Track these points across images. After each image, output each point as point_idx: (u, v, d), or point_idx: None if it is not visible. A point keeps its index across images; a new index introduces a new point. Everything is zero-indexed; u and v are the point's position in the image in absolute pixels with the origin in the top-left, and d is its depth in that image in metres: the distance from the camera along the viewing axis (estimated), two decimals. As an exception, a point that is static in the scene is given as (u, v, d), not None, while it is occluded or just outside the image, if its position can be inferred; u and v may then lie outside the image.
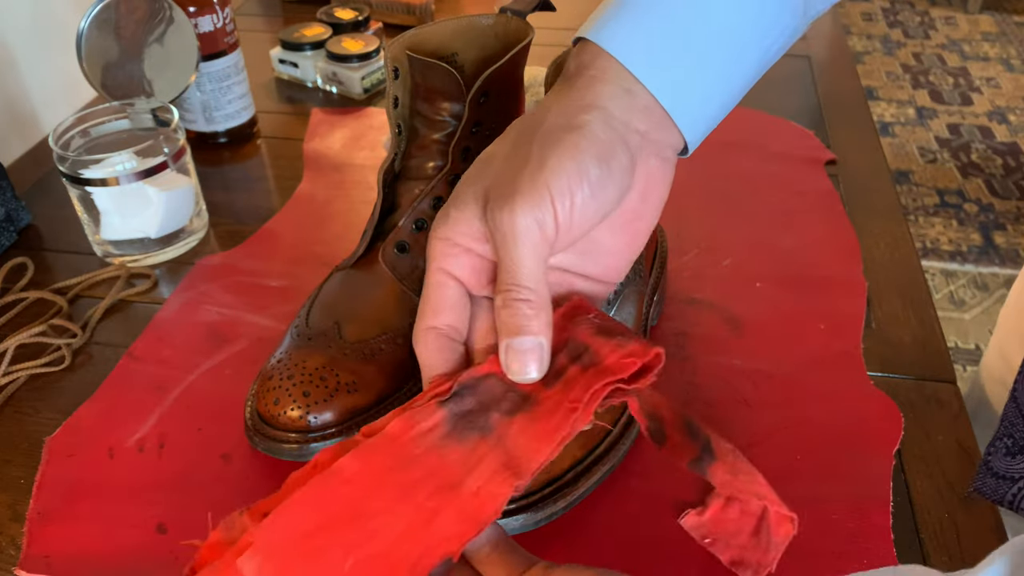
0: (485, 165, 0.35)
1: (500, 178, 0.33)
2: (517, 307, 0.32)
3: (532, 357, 0.32)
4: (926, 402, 0.54)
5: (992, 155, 2.38)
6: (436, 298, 0.35)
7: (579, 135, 0.33)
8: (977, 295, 1.89)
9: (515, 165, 0.33)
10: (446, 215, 0.35)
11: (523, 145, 0.34)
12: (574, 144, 0.33)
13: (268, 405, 0.49)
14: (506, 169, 0.33)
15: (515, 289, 0.32)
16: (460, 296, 0.35)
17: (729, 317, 0.60)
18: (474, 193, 0.34)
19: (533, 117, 0.35)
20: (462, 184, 0.36)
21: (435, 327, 0.35)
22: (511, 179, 0.33)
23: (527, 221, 0.32)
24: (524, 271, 0.32)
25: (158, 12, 0.73)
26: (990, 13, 3.19)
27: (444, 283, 0.35)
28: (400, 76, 0.52)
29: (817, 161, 0.77)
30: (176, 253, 0.68)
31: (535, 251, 0.32)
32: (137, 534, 0.47)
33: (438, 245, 0.35)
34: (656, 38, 0.34)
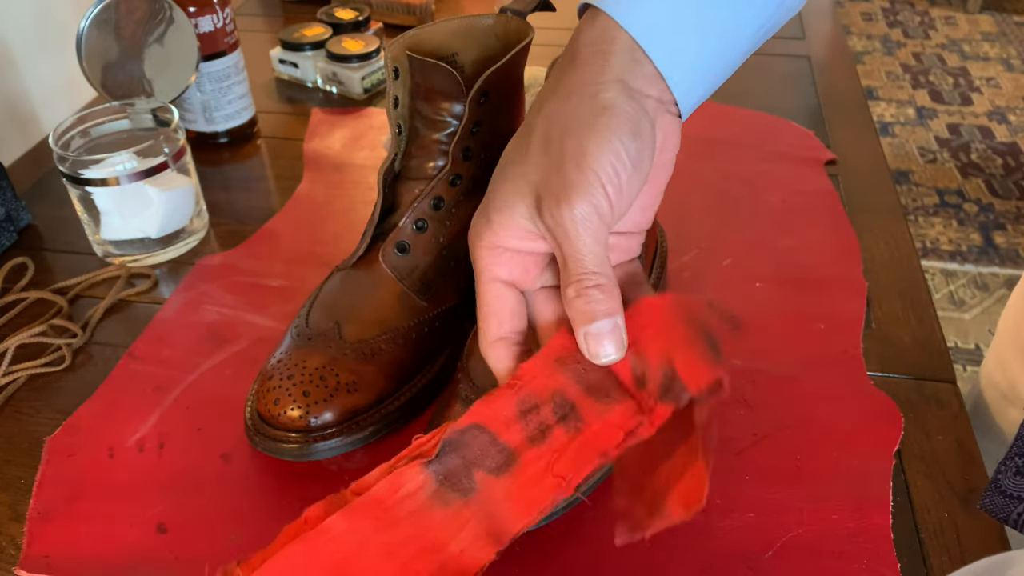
0: (520, 163, 0.35)
1: (546, 175, 0.34)
2: (590, 294, 0.33)
3: (611, 338, 0.34)
4: (926, 402, 0.54)
5: (992, 155, 2.38)
6: (498, 309, 0.36)
7: (610, 116, 0.34)
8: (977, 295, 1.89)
9: (556, 159, 0.34)
10: (488, 221, 0.35)
11: (557, 138, 0.34)
12: (607, 127, 0.33)
13: (268, 405, 0.49)
14: (548, 165, 0.34)
15: (585, 277, 0.33)
16: (518, 301, 0.36)
17: (729, 317, 0.60)
18: (518, 193, 0.35)
19: (555, 104, 0.35)
20: (499, 187, 0.36)
21: (503, 337, 0.36)
22: (558, 174, 0.33)
23: (586, 211, 0.33)
24: (591, 258, 0.33)
25: (158, 12, 0.73)
26: (990, 13, 3.19)
27: (501, 293, 0.36)
28: (400, 76, 0.52)
29: (817, 161, 0.77)
30: (176, 253, 0.68)
31: (596, 237, 0.33)
32: (137, 534, 0.47)
33: (486, 255, 0.36)
34: (662, 12, 0.35)
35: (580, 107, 0.34)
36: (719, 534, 0.46)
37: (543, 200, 0.34)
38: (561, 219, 0.33)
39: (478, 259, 0.36)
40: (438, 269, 0.54)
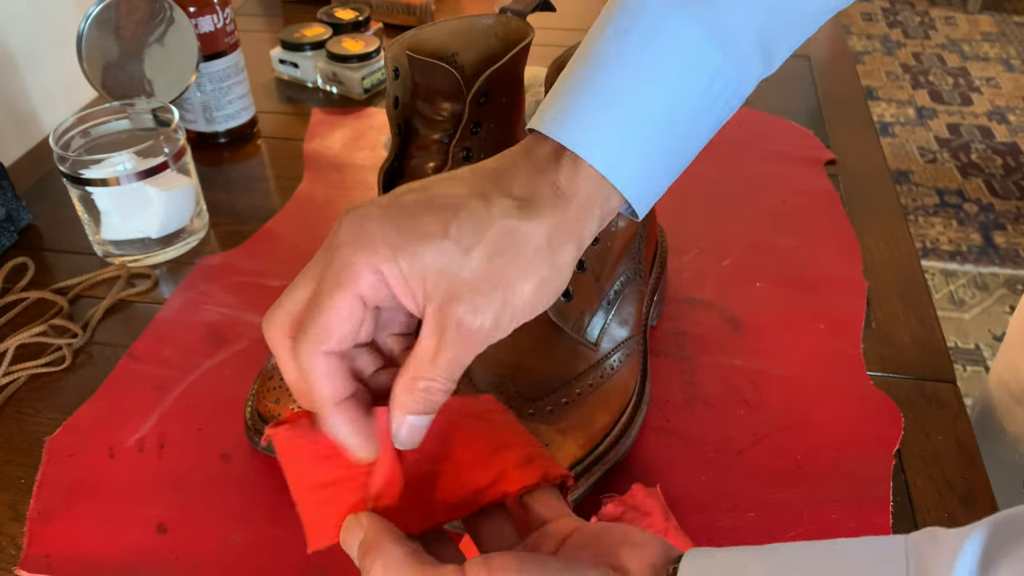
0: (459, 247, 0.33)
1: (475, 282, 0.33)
2: (437, 395, 0.33)
3: (421, 433, 0.34)
4: (926, 402, 0.54)
5: (992, 155, 2.38)
6: (348, 324, 0.33)
7: (556, 273, 0.34)
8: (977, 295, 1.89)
9: (493, 278, 0.33)
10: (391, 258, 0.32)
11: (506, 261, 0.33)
12: (551, 280, 0.34)
13: (268, 405, 0.49)
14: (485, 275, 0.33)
15: (442, 381, 0.33)
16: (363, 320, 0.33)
17: (729, 317, 0.60)
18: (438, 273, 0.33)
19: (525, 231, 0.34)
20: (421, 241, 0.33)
21: (339, 353, 0.33)
22: (487, 292, 0.33)
23: (486, 333, 0.33)
24: (458, 368, 0.33)
25: (158, 12, 0.73)
26: (990, 13, 3.19)
27: (358, 313, 0.33)
28: (400, 76, 0.52)
29: (817, 161, 0.77)
30: (176, 253, 0.68)
31: (475, 353, 0.34)
32: (137, 534, 0.47)
33: (368, 275, 0.32)
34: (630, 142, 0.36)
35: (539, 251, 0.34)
36: (719, 534, 0.46)
37: (455, 303, 0.32)
38: (466, 330, 0.33)
39: (353, 268, 0.32)
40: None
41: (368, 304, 0.33)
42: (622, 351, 0.51)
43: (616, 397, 0.50)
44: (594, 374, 0.49)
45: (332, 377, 0.33)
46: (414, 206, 0.34)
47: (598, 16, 0.38)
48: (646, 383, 0.53)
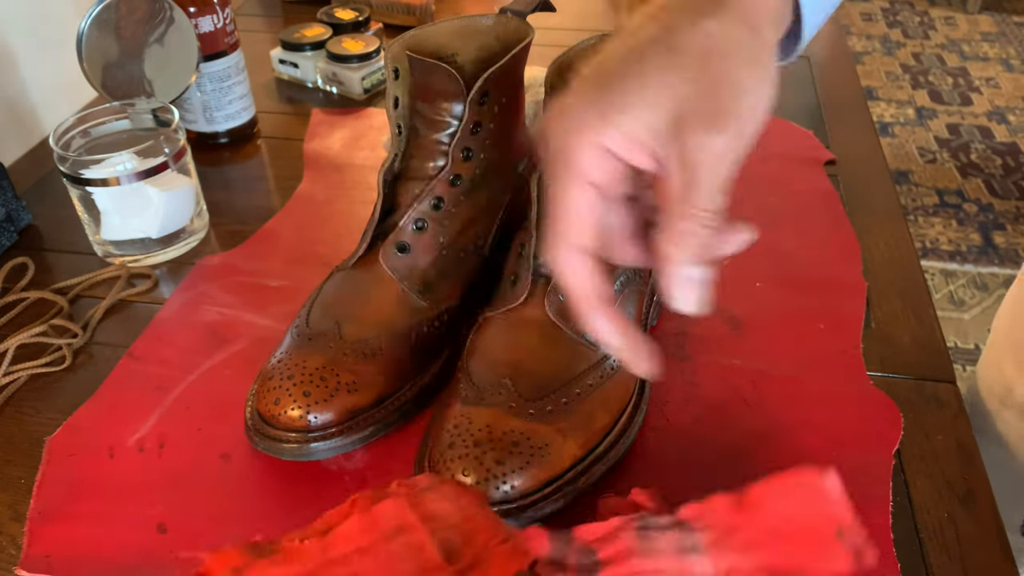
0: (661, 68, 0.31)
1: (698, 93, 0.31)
2: (699, 231, 0.31)
3: (702, 293, 0.31)
4: (926, 402, 0.54)
5: (991, 155, 2.38)
6: (585, 215, 0.32)
7: (768, 58, 0.32)
8: (977, 295, 1.89)
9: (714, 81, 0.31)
10: (603, 116, 0.31)
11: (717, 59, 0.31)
12: (766, 69, 0.32)
13: (268, 405, 0.49)
14: (704, 83, 0.31)
15: (705, 214, 0.31)
16: (604, 213, 0.33)
17: (729, 317, 0.60)
18: (654, 100, 0.31)
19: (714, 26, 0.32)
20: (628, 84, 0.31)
21: (585, 247, 0.32)
22: (713, 97, 0.31)
23: (730, 143, 0.31)
24: (719, 196, 0.31)
25: (158, 12, 0.73)
26: (990, 13, 3.19)
27: (592, 200, 0.32)
28: (400, 76, 0.52)
29: (817, 161, 0.77)
30: (176, 253, 0.68)
31: (728, 174, 0.31)
32: (137, 534, 0.47)
33: (588, 152, 0.31)
34: None
35: (742, 36, 0.32)
36: (719, 534, 0.46)
37: (690, 119, 0.30)
38: (709, 147, 0.30)
39: (576, 154, 0.31)
40: (438, 269, 0.54)
41: (603, 186, 0.32)
42: (622, 351, 0.51)
43: (616, 397, 0.50)
44: (594, 374, 0.49)
45: (589, 275, 0.32)
46: (605, 61, 0.32)
47: None
48: (646, 383, 0.53)
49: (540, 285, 0.51)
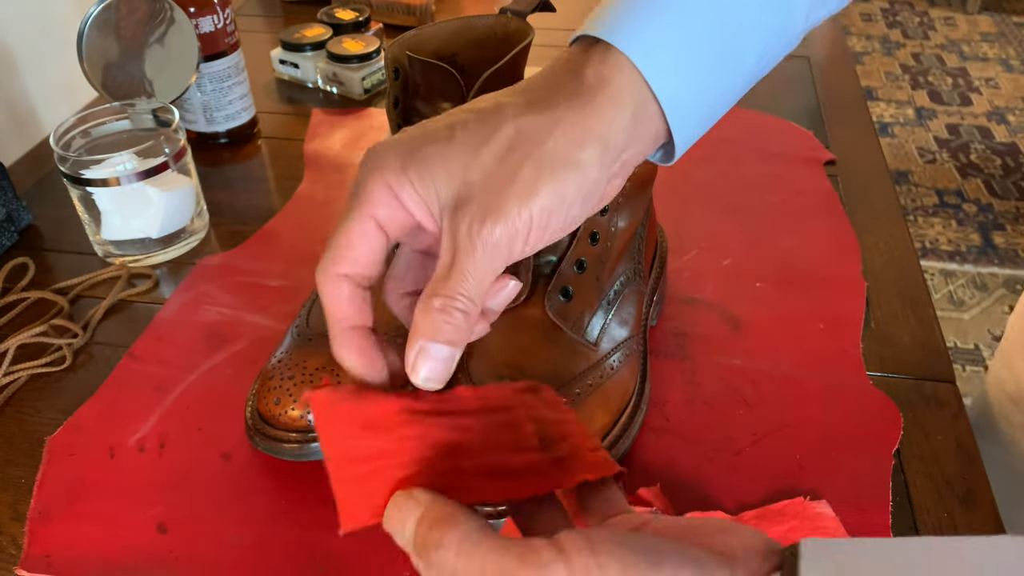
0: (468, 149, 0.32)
1: (486, 186, 0.32)
2: (454, 316, 0.31)
3: (446, 367, 0.31)
4: (925, 402, 0.54)
5: (991, 155, 2.38)
6: (361, 247, 0.33)
7: (576, 174, 0.32)
8: (976, 295, 1.89)
9: (505, 177, 0.32)
10: (402, 171, 0.32)
11: (519, 158, 0.32)
12: (570, 182, 0.32)
13: (269, 405, 0.49)
14: (495, 178, 0.32)
15: (460, 299, 0.31)
16: (383, 250, 0.33)
17: (729, 317, 0.60)
18: (447, 176, 0.32)
19: (535, 124, 0.33)
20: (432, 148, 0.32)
21: (351, 276, 0.33)
22: (498, 193, 0.31)
23: (502, 242, 0.31)
24: (475, 285, 0.31)
25: (159, 12, 0.73)
26: (989, 14, 3.19)
27: (373, 234, 0.32)
28: (400, 76, 0.52)
29: (817, 161, 0.77)
30: (177, 253, 0.68)
31: (494, 269, 0.32)
32: (137, 534, 0.47)
33: (380, 192, 0.32)
34: (678, 50, 0.33)
35: (556, 147, 0.32)
36: (719, 534, 0.46)
37: (468, 206, 0.31)
38: (476, 235, 0.31)
39: (368, 192, 0.32)
40: (438, 269, 0.54)
41: (387, 228, 0.32)
42: (622, 351, 0.51)
43: (616, 397, 0.50)
44: (594, 374, 0.49)
45: (343, 300, 0.33)
46: (428, 125, 0.33)
47: None
48: (646, 383, 0.53)
49: (540, 285, 0.51)
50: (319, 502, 0.49)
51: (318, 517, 0.48)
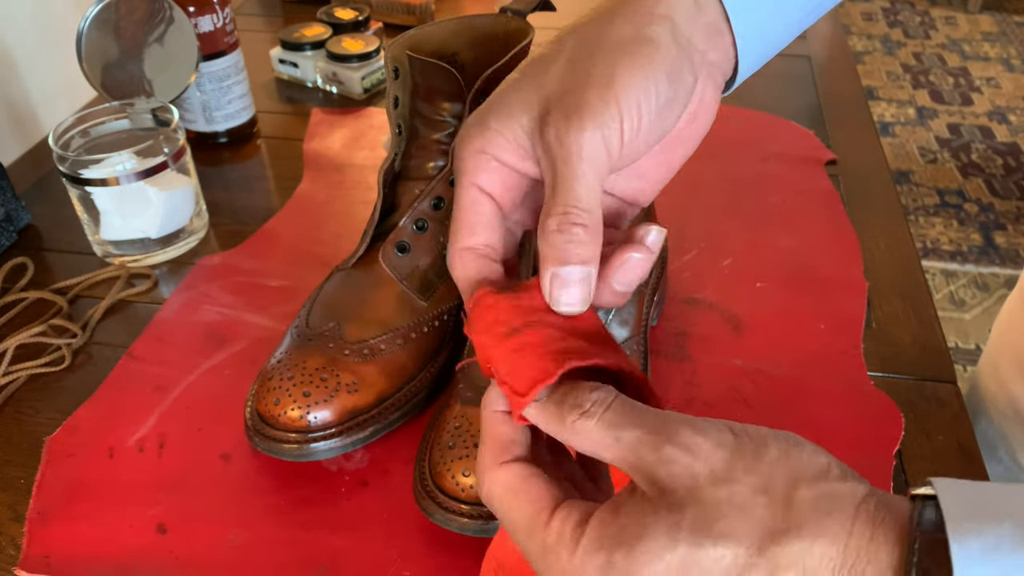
0: (536, 75, 0.32)
1: (562, 90, 0.31)
2: (573, 232, 0.30)
3: (580, 288, 0.30)
4: (926, 402, 0.54)
5: (992, 155, 2.38)
6: (472, 216, 0.32)
7: (651, 48, 0.31)
8: (977, 295, 1.88)
9: (578, 77, 0.31)
10: (483, 126, 0.32)
11: (585, 56, 0.31)
12: (646, 58, 0.31)
13: (268, 405, 0.49)
14: (568, 81, 0.31)
15: (573, 212, 0.30)
16: (495, 214, 0.33)
17: (729, 317, 0.60)
18: (524, 103, 0.31)
19: (594, 25, 0.32)
20: (505, 95, 0.32)
21: (471, 247, 0.33)
22: (576, 92, 0.30)
23: (594, 138, 0.30)
24: (584, 192, 0.30)
25: (158, 12, 0.73)
26: (990, 13, 3.19)
27: (478, 200, 0.32)
28: (400, 76, 0.52)
29: (817, 161, 0.77)
30: (176, 253, 0.68)
31: (597, 171, 0.30)
32: (137, 534, 0.47)
33: (473, 159, 0.32)
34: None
35: (620, 32, 0.31)
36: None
37: (551, 114, 0.30)
38: (565, 138, 0.30)
39: (462, 162, 0.32)
40: (438, 269, 0.54)
41: (493, 192, 0.32)
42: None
43: (616, 397, 0.50)
44: (594, 374, 0.49)
45: (471, 272, 0.33)
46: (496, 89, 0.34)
47: None
48: (646, 383, 0.53)
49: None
50: (319, 502, 0.48)
51: (318, 517, 0.48)
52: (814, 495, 0.26)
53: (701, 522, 0.25)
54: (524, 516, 0.29)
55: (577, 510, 0.28)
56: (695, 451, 0.27)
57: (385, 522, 0.47)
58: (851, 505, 0.26)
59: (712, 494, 0.26)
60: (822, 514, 0.25)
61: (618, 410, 0.28)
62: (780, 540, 0.25)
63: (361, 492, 0.49)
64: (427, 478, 0.47)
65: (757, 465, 0.27)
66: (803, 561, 0.25)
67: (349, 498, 0.49)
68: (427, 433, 0.50)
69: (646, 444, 0.27)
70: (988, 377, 0.64)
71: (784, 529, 0.25)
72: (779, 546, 0.25)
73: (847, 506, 0.26)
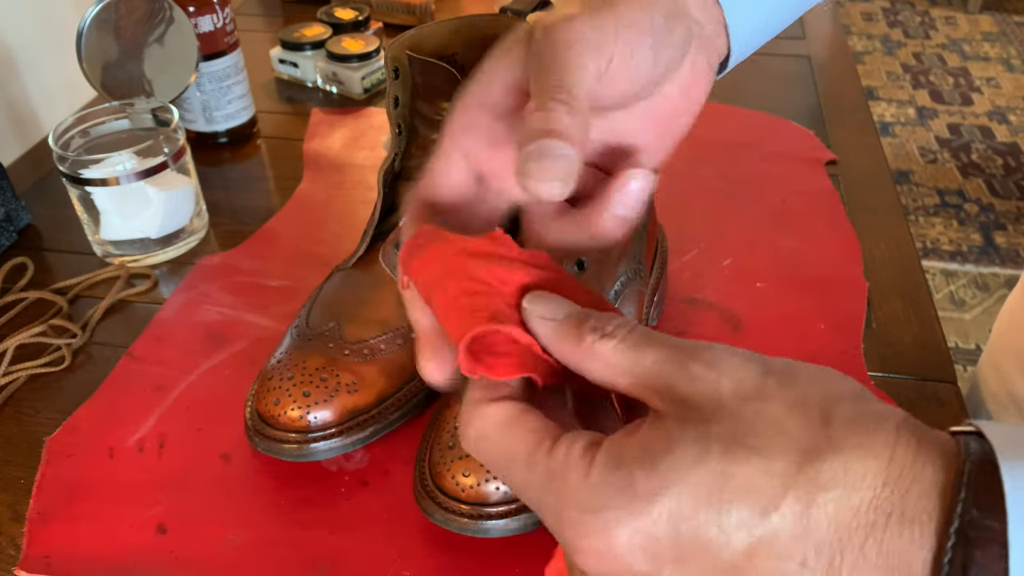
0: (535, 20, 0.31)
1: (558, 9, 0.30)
2: (554, 109, 0.27)
3: (561, 166, 0.26)
4: (926, 402, 0.54)
5: (992, 155, 2.38)
6: (438, 177, 0.31)
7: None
8: (977, 295, 1.89)
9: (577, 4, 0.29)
10: (478, 73, 0.31)
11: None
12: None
13: (268, 405, 0.49)
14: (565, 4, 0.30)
15: (556, 90, 0.27)
16: (465, 181, 0.31)
17: (729, 317, 0.60)
18: (516, 40, 0.30)
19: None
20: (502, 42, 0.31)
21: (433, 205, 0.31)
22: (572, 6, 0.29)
23: (585, 30, 0.28)
24: (569, 77, 0.28)
25: (158, 12, 0.73)
26: (990, 13, 3.19)
27: (453, 162, 0.31)
28: (400, 76, 0.52)
29: (817, 161, 0.77)
30: (176, 253, 0.68)
31: (583, 64, 0.28)
32: (137, 534, 0.47)
33: (457, 113, 0.31)
34: None
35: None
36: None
37: (540, 21, 0.29)
38: (552, 31, 0.28)
39: (449, 116, 0.31)
40: (438, 269, 0.54)
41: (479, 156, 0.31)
42: (622, 351, 0.51)
43: (616, 397, 0.50)
44: (594, 374, 0.49)
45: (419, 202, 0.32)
46: None
47: None
48: (646, 383, 0.53)
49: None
50: (319, 502, 0.48)
51: (318, 517, 0.48)
52: (853, 412, 0.25)
53: (731, 436, 0.23)
54: (523, 446, 0.25)
55: (585, 436, 0.25)
56: (721, 367, 0.25)
57: (385, 522, 0.47)
58: (892, 424, 0.25)
59: (742, 409, 0.24)
60: (863, 431, 0.24)
61: (641, 333, 0.26)
62: (819, 457, 0.23)
63: (361, 492, 0.49)
64: (427, 478, 0.47)
65: (790, 383, 0.26)
66: (844, 479, 0.23)
67: (349, 498, 0.49)
68: (427, 433, 0.50)
69: (670, 362, 0.25)
70: (989, 376, 0.64)
71: (823, 447, 0.23)
72: (819, 463, 0.23)
73: (888, 424, 0.25)
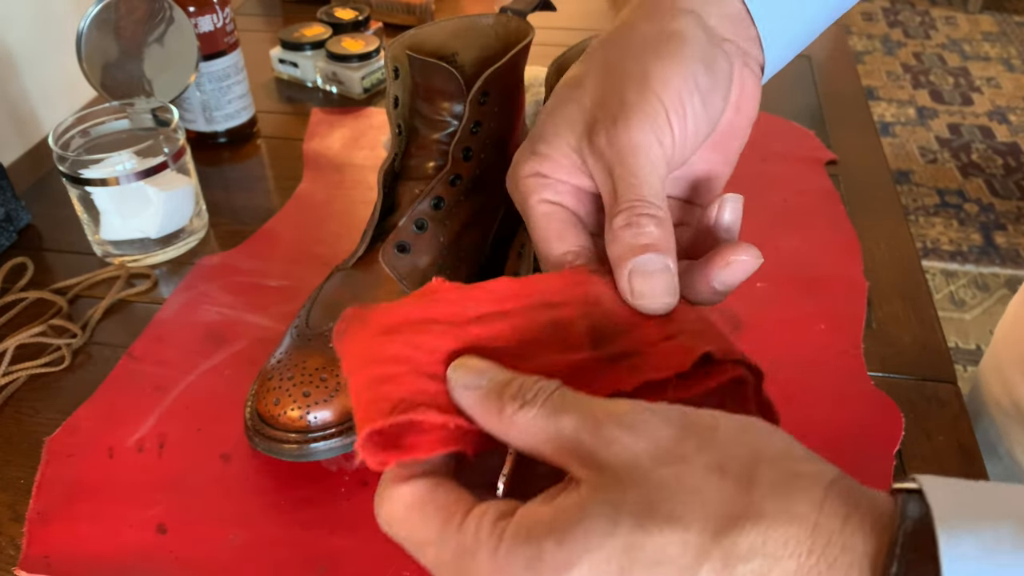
0: (571, 93, 0.32)
1: (601, 99, 0.30)
2: (641, 223, 0.28)
3: (661, 279, 0.28)
4: (926, 402, 0.54)
5: (992, 155, 2.38)
6: (553, 225, 0.31)
7: (680, 41, 0.30)
8: (978, 295, 1.88)
9: (615, 83, 0.30)
10: (532, 152, 0.31)
11: (616, 62, 0.31)
12: (676, 51, 0.30)
13: (268, 405, 0.49)
14: (605, 88, 0.30)
15: (639, 204, 0.28)
16: (569, 215, 0.31)
17: (729, 317, 0.60)
18: (567, 121, 0.31)
19: (618, 34, 0.32)
20: (547, 118, 0.32)
21: (569, 251, 0.31)
22: (615, 96, 0.30)
23: (645, 136, 0.29)
24: (647, 187, 0.28)
25: (158, 12, 0.73)
26: (990, 13, 3.19)
27: (552, 211, 0.31)
28: (400, 76, 0.52)
29: (817, 161, 0.77)
30: (176, 253, 0.68)
31: (654, 165, 0.29)
32: (137, 534, 0.47)
33: (529, 182, 0.31)
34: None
35: (647, 32, 0.31)
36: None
37: (597, 123, 0.30)
38: (616, 139, 0.29)
39: (519, 188, 0.31)
40: (438, 269, 0.54)
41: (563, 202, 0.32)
42: (622, 351, 0.51)
43: (616, 397, 0.50)
44: (594, 374, 0.49)
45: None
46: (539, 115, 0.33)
47: None
48: (646, 383, 0.53)
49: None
50: (319, 502, 0.48)
51: (318, 517, 0.48)
52: (777, 475, 0.23)
53: (645, 504, 0.22)
54: (434, 525, 0.25)
55: (497, 506, 0.24)
56: (639, 429, 0.23)
57: (385, 522, 0.47)
58: (819, 486, 0.23)
59: (657, 474, 0.23)
60: (785, 495, 0.22)
61: (560, 398, 0.25)
62: (738, 525, 0.22)
63: (361, 492, 0.49)
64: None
65: (711, 443, 0.23)
66: (764, 548, 0.21)
67: (349, 498, 0.49)
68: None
69: (586, 427, 0.24)
70: (991, 379, 0.64)
71: (742, 514, 0.22)
72: (737, 532, 0.22)
73: (815, 487, 0.23)
